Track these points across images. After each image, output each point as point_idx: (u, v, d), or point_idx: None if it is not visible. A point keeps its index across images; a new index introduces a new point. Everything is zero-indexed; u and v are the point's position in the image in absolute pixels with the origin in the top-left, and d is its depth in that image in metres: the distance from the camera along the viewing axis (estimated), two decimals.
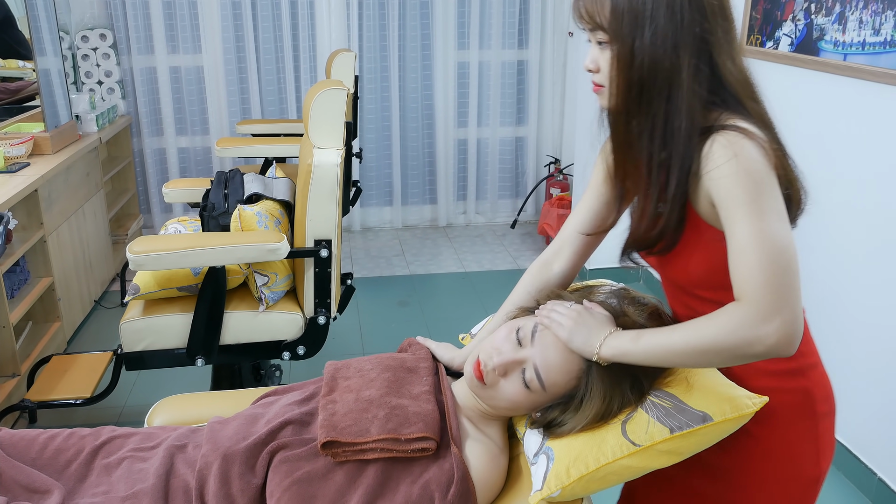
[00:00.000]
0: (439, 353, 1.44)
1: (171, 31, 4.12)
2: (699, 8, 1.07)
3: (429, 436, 1.19)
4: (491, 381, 1.23)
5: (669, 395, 1.16)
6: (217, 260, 2.03)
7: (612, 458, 1.12)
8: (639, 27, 1.06)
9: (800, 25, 2.42)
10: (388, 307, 3.60)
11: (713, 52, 1.08)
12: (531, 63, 4.49)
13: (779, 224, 1.03)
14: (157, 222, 4.36)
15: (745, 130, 1.05)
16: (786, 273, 1.02)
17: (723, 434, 1.13)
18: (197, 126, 4.30)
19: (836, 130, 2.30)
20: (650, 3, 1.06)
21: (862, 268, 2.24)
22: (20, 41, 3.59)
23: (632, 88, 1.10)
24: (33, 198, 2.78)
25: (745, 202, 1.03)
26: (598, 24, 1.10)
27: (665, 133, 1.09)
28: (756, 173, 1.03)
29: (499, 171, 4.68)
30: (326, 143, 2.09)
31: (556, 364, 1.20)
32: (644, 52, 1.07)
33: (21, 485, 1.25)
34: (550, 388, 1.21)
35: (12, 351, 2.55)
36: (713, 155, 1.05)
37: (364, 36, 4.29)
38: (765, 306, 1.01)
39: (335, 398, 1.28)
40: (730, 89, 1.10)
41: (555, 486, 1.12)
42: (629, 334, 1.14)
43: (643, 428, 1.12)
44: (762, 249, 1.02)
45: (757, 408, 1.12)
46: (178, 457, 1.28)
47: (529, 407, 1.24)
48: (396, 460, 1.19)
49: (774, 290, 1.01)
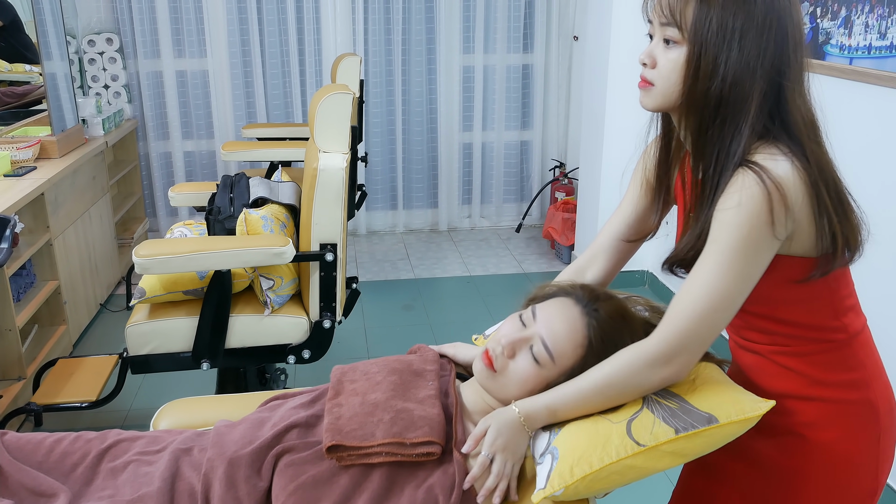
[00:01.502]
0: (459, 355, 1.43)
1: (177, 35, 4.14)
2: (783, 40, 1.06)
3: (433, 440, 1.19)
4: (501, 365, 1.24)
5: (675, 396, 1.16)
6: (223, 264, 2.03)
7: (616, 457, 1.11)
8: (726, 41, 1.05)
9: (805, 29, 2.42)
10: (393, 311, 3.60)
11: (784, 85, 1.08)
12: (536, 67, 4.49)
13: (736, 286, 1.07)
14: (162, 226, 4.37)
15: (765, 172, 1.04)
16: (708, 333, 1.10)
17: (728, 437, 1.13)
18: (203, 130, 4.31)
19: (842, 134, 2.30)
20: (741, 21, 1.04)
21: (866, 272, 2.23)
22: (27, 45, 3.61)
23: (709, 103, 1.08)
24: (40, 201, 2.79)
25: (721, 250, 1.07)
26: (676, 21, 1.07)
27: (729, 154, 1.08)
28: (748, 231, 1.05)
29: (504, 174, 4.68)
30: (332, 147, 2.10)
31: (561, 332, 1.23)
32: (728, 69, 1.05)
33: (27, 488, 1.26)
34: (559, 358, 1.22)
35: (18, 354, 2.56)
36: (727, 192, 1.07)
37: (369, 40, 4.29)
38: (669, 351, 1.11)
39: (341, 401, 1.28)
40: (791, 127, 1.09)
41: (558, 484, 1.12)
42: (542, 401, 1.19)
43: (648, 428, 1.12)
44: (705, 303, 1.08)
45: (763, 411, 1.11)
46: (183, 460, 1.28)
47: (542, 386, 1.23)
48: (402, 465, 1.19)
49: (686, 340, 1.10)
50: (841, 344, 1.18)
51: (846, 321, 1.19)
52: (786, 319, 1.17)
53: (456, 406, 1.28)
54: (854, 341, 1.19)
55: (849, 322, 1.19)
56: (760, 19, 1.05)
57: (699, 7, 1.05)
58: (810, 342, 1.18)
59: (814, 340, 1.18)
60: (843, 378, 1.17)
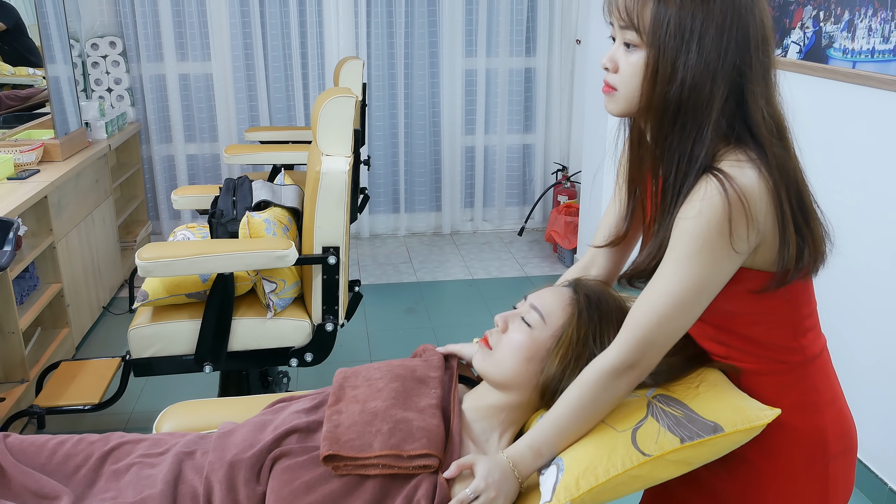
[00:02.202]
0: (465, 352, 1.42)
1: (180, 38, 4.15)
2: (743, 39, 1.03)
3: (431, 453, 1.18)
4: (496, 341, 1.28)
5: (680, 404, 1.15)
6: (225, 266, 2.04)
7: (622, 469, 1.10)
8: (685, 43, 1.01)
9: (808, 33, 2.42)
10: (395, 314, 3.60)
11: (746, 86, 1.04)
12: (539, 70, 4.50)
13: (693, 295, 1.06)
14: (165, 229, 4.38)
15: (728, 181, 1.01)
16: (665, 341, 1.10)
17: (733, 445, 1.12)
18: (205, 133, 4.32)
19: (845, 138, 2.30)
20: (700, 22, 1.01)
21: (870, 275, 2.23)
22: (31, 49, 3.62)
23: (668, 107, 1.05)
24: (43, 204, 2.79)
25: (678, 258, 1.06)
26: (634, 24, 1.04)
27: (690, 159, 1.06)
28: (706, 240, 1.03)
29: (506, 178, 4.69)
30: (335, 151, 2.10)
31: (550, 297, 1.28)
32: (688, 72, 1.02)
33: (30, 490, 1.26)
34: (549, 316, 1.25)
35: (21, 357, 2.56)
36: (689, 200, 1.04)
37: (372, 43, 4.30)
38: (630, 359, 1.10)
39: (340, 409, 1.27)
40: (754, 129, 1.05)
41: (564, 497, 1.10)
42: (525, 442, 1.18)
43: (653, 438, 1.11)
44: (661, 311, 1.07)
45: (769, 419, 1.10)
46: (186, 463, 1.28)
47: (534, 352, 1.24)
48: (396, 476, 1.18)
49: (644, 348, 1.09)
50: (795, 366, 1.16)
51: (804, 342, 1.16)
52: (743, 334, 1.16)
53: (454, 412, 1.27)
54: (811, 365, 1.17)
55: (807, 344, 1.16)
56: (720, 19, 1.01)
57: (656, 8, 1.02)
58: (765, 361, 1.16)
59: (769, 360, 1.15)
60: (793, 402, 1.14)
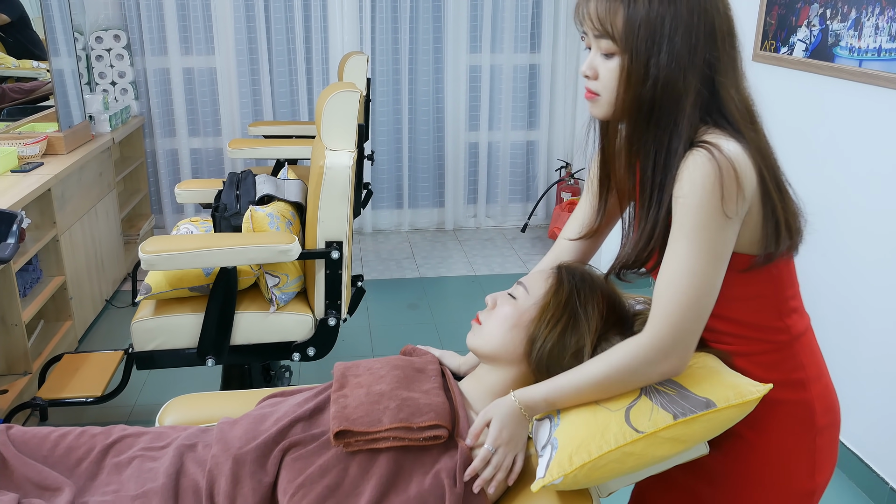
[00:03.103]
0: (446, 359, 1.46)
1: (184, 32, 4.14)
2: (710, 33, 1.08)
3: (440, 423, 1.20)
4: (485, 317, 1.31)
5: (673, 383, 1.16)
6: (229, 260, 2.04)
7: (614, 445, 1.12)
8: (655, 44, 1.07)
9: (815, 31, 2.41)
10: (397, 310, 3.60)
11: (716, 78, 1.09)
12: (543, 67, 4.49)
13: (712, 266, 1.09)
14: (168, 223, 4.38)
15: (715, 148, 1.05)
16: (697, 318, 1.11)
17: (727, 421, 1.13)
18: (209, 127, 4.32)
19: (851, 136, 2.29)
20: (668, 23, 1.06)
21: (874, 273, 2.23)
22: (35, 41, 3.61)
23: (642, 107, 1.10)
24: (46, 197, 2.79)
25: (687, 234, 1.08)
26: (608, 32, 1.09)
27: (667, 153, 1.10)
28: (707, 209, 1.05)
29: (509, 174, 4.68)
30: (338, 146, 2.10)
31: (533, 274, 1.34)
32: (660, 71, 1.07)
33: (32, 482, 1.26)
34: (531, 287, 1.30)
35: (24, 349, 2.57)
36: (681, 176, 1.08)
37: (376, 38, 4.29)
38: (665, 346, 1.11)
39: (346, 393, 1.29)
40: (729, 117, 1.10)
41: (557, 473, 1.13)
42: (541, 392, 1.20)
43: (647, 415, 1.13)
44: (688, 290, 1.09)
45: (761, 394, 1.12)
46: (188, 456, 1.28)
47: (518, 319, 1.28)
48: (408, 450, 1.19)
49: (679, 332, 1.10)
50: (783, 345, 1.19)
51: (790, 322, 1.19)
52: (731, 318, 1.19)
53: (455, 394, 1.30)
54: (796, 343, 1.20)
55: (792, 323, 1.20)
56: (686, 17, 1.07)
57: (627, 15, 1.07)
58: (754, 342, 1.19)
59: (757, 340, 1.19)
60: (782, 378, 1.18)
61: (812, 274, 2.31)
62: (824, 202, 2.33)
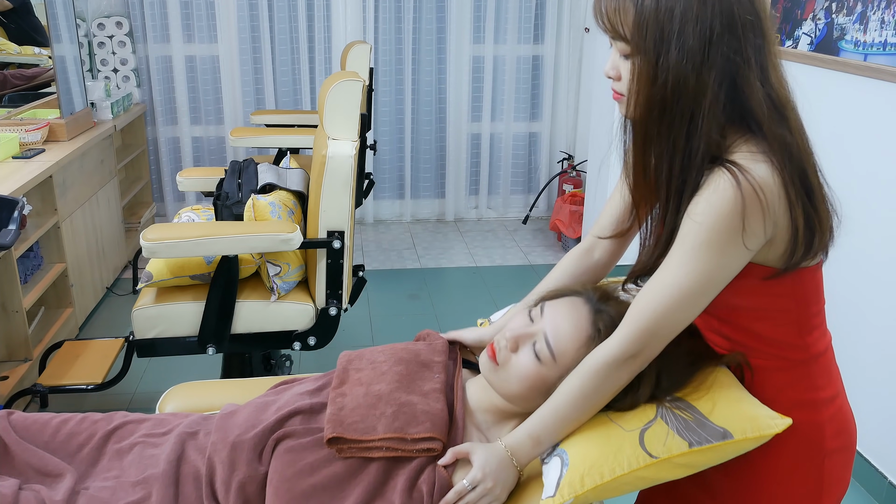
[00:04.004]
0: (466, 336, 1.42)
1: (186, 20, 4.13)
2: (730, 25, 1.00)
3: (435, 436, 1.18)
4: (503, 358, 1.23)
5: (691, 408, 1.13)
6: (230, 249, 2.03)
7: (627, 469, 1.10)
8: (664, 43, 1.00)
9: (820, 24, 2.40)
10: (398, 300, 3.60)
11: (739, 72, 1.02)
12: (546, 58, 4.47)
13: (700, 286, 1.05)
14: (169, 211, 4.38)
15: (743, 173, 1.00)
16: (669, 328, 1.08)
17: (740, 451, 1.12)
18: (211, 115, 4.31)
19: (856, 131, 2.28)
20: (678, 18, 0.99)
21: (879, 270, 2.23)
22: (37, 28, 3.60)
23: (653, 108, 1.04)
24: (48, 184, 2.79)
25: (686, 249, 1.04)
26: (621, 34, 1.04)
27: (684, 156, 1.05)
28: (716, 232, 1.02)
29: (511, 166, 4.67)
30: (341, 135, 2.09)
31: (565, 332, 1.21)
32: (668, 70, 1.01)
33: (34, 468, 1.26)
34: (560, 357, 1.19)
35: (25, 335, 2.57)
36: (700, 193, 1.03)
37: (379, 28, 4.28)
38: (631, 351, 1.09)
39: (344, 391, 1.27)
40: (753, 113, 1.03)
41: (568, 494, 1.10)
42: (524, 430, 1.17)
43: (661, 440, 1.10)
44: (666, 301, 1.06)
45: (779, 429, 1.10)
46: (189, 443, 1.28)
47: (540, 385, 1.21)
48: (399, 459, 1.18)
49: (647, 339, 1.08)
50: (797, 363, 1.15)
51: (809, 340, 1.15)
52: (748, 328, 1.16)
53: (458, 399, 1.27)
54: (814, 363, 1.16)
55: (812, 342, 1.15)
56: (699, 8, 0.99)
57: (637, 16, 1.01)
58: (768, 357, 1.16)
59: (772, 356, 1.15)
60: (791, 398, 1.14)
61: None
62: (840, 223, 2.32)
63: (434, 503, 1.15)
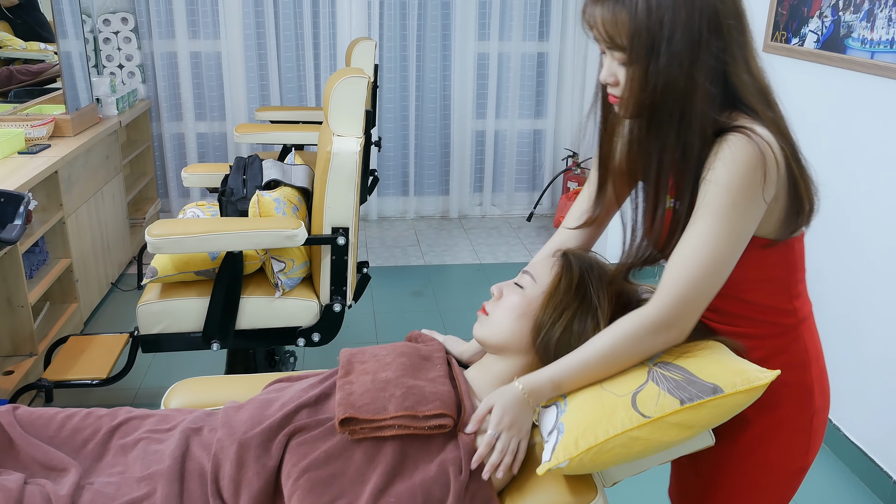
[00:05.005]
0: (449, 344, 1.46)
1: (192, 16, 4.13)
2: (716, 28, 1.07)
3: (446, 412, 1.20)
4: (492, 307, 1.31)
5: (680, 368, 1.16)
6: (235, 245, 2.04)
7: (621, 429, 1.12)
8: (654, 49, 1.06)
9: (826, 22, 2.39)
10: (402, 297, 3.60)
11: (728, 69, 1.09)
12: (551, 55, 4.47)
13: (730, 247, 1.10)
14: (174, 207, 4.38)
15: (752, 132, 1.06)
16: (704, 294, 1.12)
17: (735, 408, 1.13)
18: (216, 112, 4.31)
19: (862, 129, 2.28)
20: (668, 25, 1.05)
21: (884, 265, 2.22)
22: (42, 23, 3.61)
23: (643, 111, 1.11)
24: (53, 179, 2.80)
25: (713, 212, 1.09)
26: (618, 44, 1.09)
27: (676, 150, 1.11)
28: (741, 189, 1.07)
29: (516, 163, 4.67)
30: (346, 131, 2.09)
31: (539, 262, 1.34)
32: (658, 75, 1.07)
33: (38, 462, 1.27)
34: (539, 276, 1.30)
35: (30, 330, 2.58)
36: (717, 158, 1.08)
37: (384, 25, 4.28)
38: (670, 317, 1.12)
39: (352, 379, 1.29)
40: (745, 101, 1.10)
41: (563, 456, 1.13)
42: (546, 374, 1.20)
43: (653, 400, 1.12)
44: (700, 267, 1.10)
45: (768, 380, 1.12)
46: (193, 439, 1.29)
47: (527, 309, 1.28)
48: (413, 439, 1.19)
49: (684, 305, 1.12)
50: (789, 328, 1.22)
51: (797, 304, 1.22)
52: (745, 299, 1.20)
53: (461, 383, 1.29)
54: (801, 326, 1.23)
55: (800, 306, 1.23)
56: (685, 13, 1.05)
57: (631, 25, 1.06)
58: (762, 324, 1.22)
59: (766, 323, 1.21)
60: (785, 361, 1.20)
61: (821, 265, 2.31)
62: (835, 194, 2.31)
63: (464, 468, 1.16)
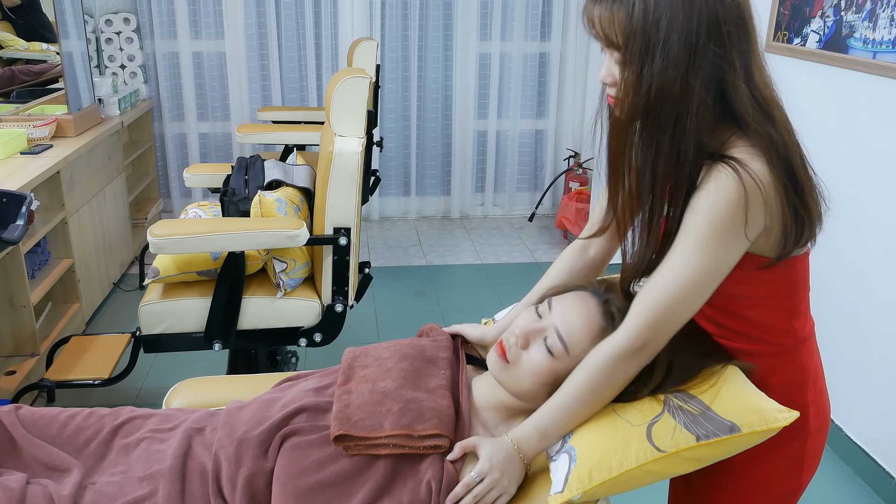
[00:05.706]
0: (468, 331, 1.42)
1: (194, 16, 4.13)
2: (715, 31, 1.03)
3: (442, 433, 1.18)
4: (514, 356, 1.23)
5: (697, 401, 1.14)
6: (237, 245, 2.04)
7: (635, 463, 1.10)
8: (649, 52, 1.03)
9: (829, 22, 2.38)
10: (404, 297, 3.60)
11: (725, 76, 1.05)
12: (553, 55, 4.46)
13: (704, 277, 1.07)
14: (176, 207, 4.39)
15: (743, 168, 1.03)
16: (676, 320, 1.10)
17: (748, 445, 1.12)
18: (218, 112, 4.32)
19: (864, 129, 2.27)
20: (664, 28, 1.01)
21: (887, 266, 2.22)
22: (44, 24, 3.61)
23: (638, 114, 1.07)
24: (55, 179, 2.80)
25: (690, 242, 1.07)
26: (615, 43, 1.07)
27: (672, 159, 1.07)
28: (720, 224, 1.05)
29: (518, 163, 4.67)
30: (348, 132, 2.09)
31: (577, 323, 1.21)
32: (652, 78, 1.03)
33: (41, 462, 1.27)
34: (573, 348, 1.20)
35: (32, 330, 2.58)
36: (702, 188, 1.06)
37: (386, 25, 4.28)
38: (638, 343, 1.10)
39: (350, 388, 1.27)
40: (738, 113, 1.06)
41: (576, 489, 1.11)
42: (530, 424, 1.17)
43: (669, 434, 1.11)
44: (671, 294, 1.08)
45: (787, 422, 1.10)
46: (195, 439, 1.29)
47: (553, 380, 1.21)
48: (406, 456, 1.18)
49: (654, 331, 1.10)
50: (787, 348, 1.20)
51: (797, 325, 1.19)
52: (741, 315, 1.19)
53: (463, 396, 1.27)
54: (801, 346, 1.20)
55: (800, 326, 1.20)
56: (684, 16, 1.01)
57: (628, 25, 1.03)
58: (759, 342, 1.19)
59: (763, 342, 1.19)
60: (780, 381, 1.19)
61: (823, 267, 2.30)
62: (836, 195, 2.31)
63: (442, 498, 1.15)
